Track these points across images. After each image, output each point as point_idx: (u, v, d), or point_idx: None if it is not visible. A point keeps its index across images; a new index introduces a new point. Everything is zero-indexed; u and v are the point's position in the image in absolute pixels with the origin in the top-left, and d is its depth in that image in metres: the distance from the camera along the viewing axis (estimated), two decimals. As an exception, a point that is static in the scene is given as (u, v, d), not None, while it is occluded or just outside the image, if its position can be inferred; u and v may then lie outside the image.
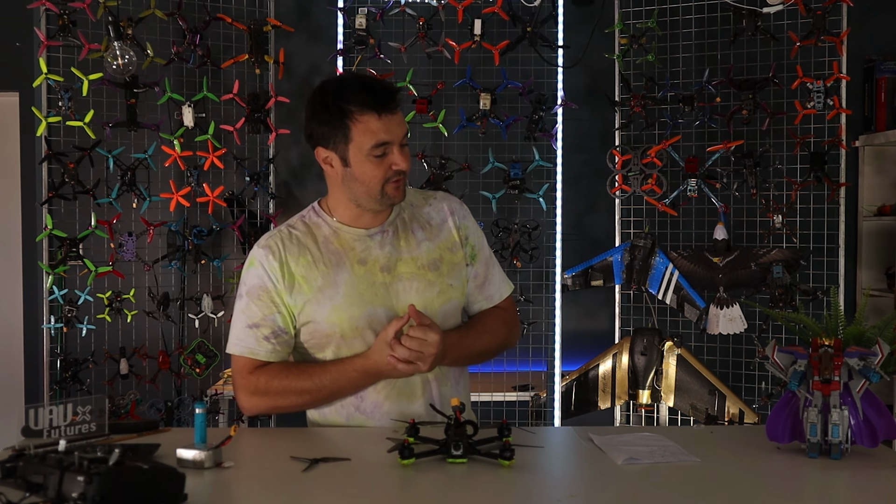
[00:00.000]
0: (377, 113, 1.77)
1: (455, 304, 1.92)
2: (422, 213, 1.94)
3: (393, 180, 1.82)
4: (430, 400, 1.87)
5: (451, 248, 1.92)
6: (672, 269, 3.53)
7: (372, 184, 1.82)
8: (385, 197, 1.83)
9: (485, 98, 3.48)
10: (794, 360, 1.65)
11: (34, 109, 3.26)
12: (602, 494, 1.46)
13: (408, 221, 1.92)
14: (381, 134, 1.78)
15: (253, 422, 3.50)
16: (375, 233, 1.88)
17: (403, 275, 1.86)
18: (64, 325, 3.30)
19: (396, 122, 1.80)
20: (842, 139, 3.38)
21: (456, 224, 1.94)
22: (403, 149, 1.83)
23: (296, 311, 1.86)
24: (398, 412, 1.85)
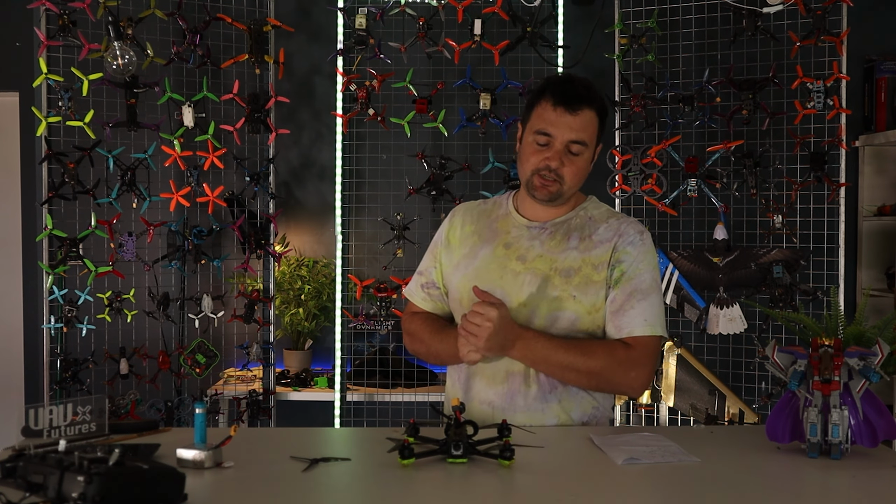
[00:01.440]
0: (554, 105, 1.84)
1: (570, 316, 1.86)
2: (595, 226, 1.92)
3: (541, 173, 1.86)
4: (505, 393, 1.89)
5: (595, 266, 1.87)
6: (672, 269, 3.53)
7: (525, 167, 1.90)
8: (530, 186, 1.89)
9: (485, 98, 3.48)
10: (794, 360, 1.65)
11: (34, 109, 3.26)
12: (602, 494, 1.46)
13: (573, 228, 1.92)
14: (548, 125, 1.85)
15: (253, 422, 3.50)
16: (535, 227, 1.93)
17: (535, 269, 1.87)
18: (64, 325, 3.30)
19: (569, 123, 1.84)
20: (842, 139, 3.38)
21: (616, 245, 1.88)
22: (568, 156, 1.85)
23: (446, 270, 2.01)
24: (482, 395, 1.92)
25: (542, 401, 1.88)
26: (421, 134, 3.65)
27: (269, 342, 3.54)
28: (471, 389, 1.93)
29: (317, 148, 4.13)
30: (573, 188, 1.91)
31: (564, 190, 1.88)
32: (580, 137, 1.85)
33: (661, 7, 3.54)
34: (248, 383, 3.63)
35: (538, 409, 1.88)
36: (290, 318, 3.87)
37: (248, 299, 3.50)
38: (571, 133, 1.84)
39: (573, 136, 1.84)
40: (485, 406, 1.91)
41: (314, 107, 4.11)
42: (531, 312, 1.86)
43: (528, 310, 1.86)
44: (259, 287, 3.55)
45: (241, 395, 3.51)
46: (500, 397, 1.89)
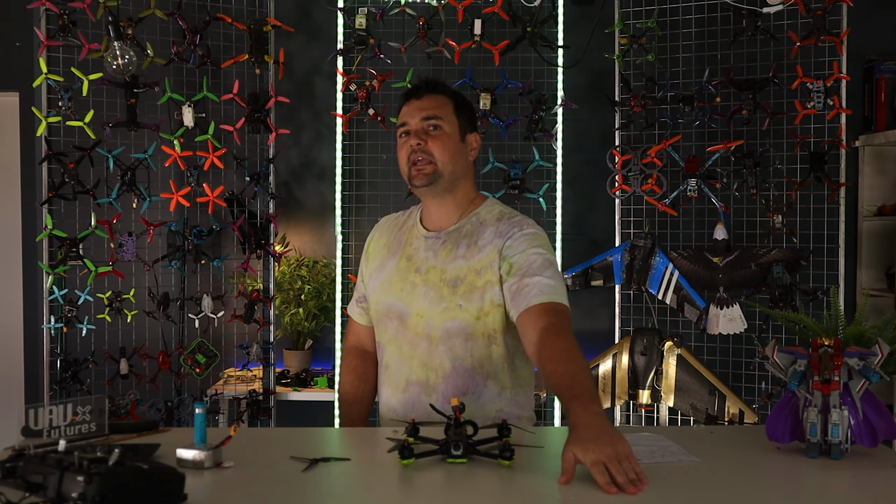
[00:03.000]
0: (405, 102, 1.97)
1: (460, 324, 1.87)
2: (482, 231, 1.93)
3: (412, 160, 1.91)
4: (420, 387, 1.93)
5: (478, 272, 1.88)
6: (672, 269, 3.53)
7: (401, 165, 1.96)
8: (412, 180, 1.93)
9: (485, 98, 3.48)
10: (794, 360, 1.65)
11: (34, 109, 3.26)
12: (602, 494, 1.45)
13: (463, 236, 1.94)
14: (402, 118, 1.96)
15: (253, 422, 3.50)
16: (432, 237, 1.96)
17: (429, 282, 1.91)
18: (64, 325, 3.30)
19: (418, 106, 1.93)
20: (842, 139, 3.38)
21: (499, 247, 1.88)
22: (429, 132, 1.91)
23: (367, 283, 2.06)
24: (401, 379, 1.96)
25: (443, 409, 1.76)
26: (421, 134, 3.65)
27: (269, 342, 3.54)
28: (381, 396, 2.03)
29: (317, 148, 4.13)
30: (448, 165, 1.90)
31: (440, 168, 1.89)
32: (430, 113, 1.91)
33: (661, 7, 3.54)
34: (248, 383, 3.63)
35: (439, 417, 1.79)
36: (290, 318, 3.87)
37: (248, 299, 3.50)
38: (421, 112, 1.92)
39: (423, 114, 1.91)
40: (390, 412, 1.97)
41: (314, 107, 4.11)
42: (427, 324, 1.89)
43: (424, 321, 1.89)
44: (259, 287, 3.55)
45: (241, 395, 3.51)
46: (402, 405, 1.94)
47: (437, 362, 1.89)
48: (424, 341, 1.89)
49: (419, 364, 1.91)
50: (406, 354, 1.93)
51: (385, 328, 1.99)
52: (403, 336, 1.93)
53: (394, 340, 1.96)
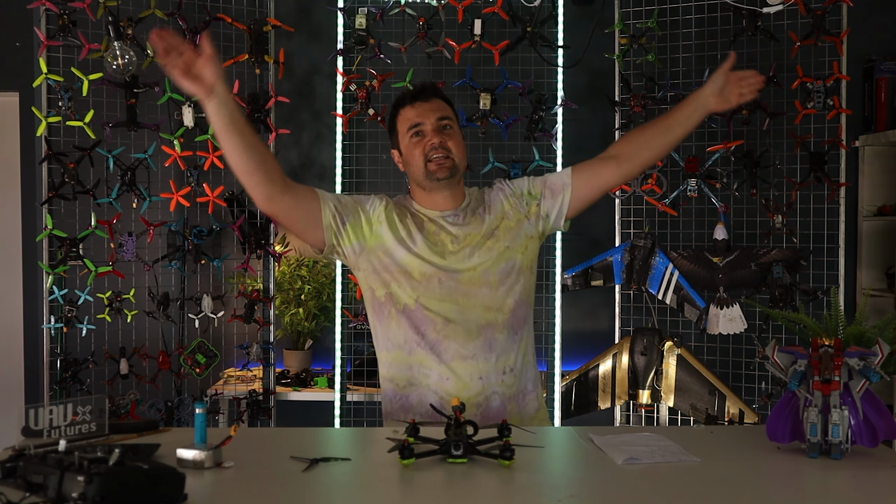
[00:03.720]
0: (410, 104, 2.12)
1: (513, 263, 2.10)
2: (480, 200, 2.18)
3: (432, 157, 2.07)
4: (483, 344, 2.04)
5: (504, 216, 2.13)
6: (672, 269, 3.53)
7: (416, 162, 2.09)
8: (429, 175, 2.08)
9: (485, 98, 3.48)
10: (794, 360, 1.65)
11: (34, 109, 3.26)
12: (602, 494, 1.46)
13: (474, 208, 2.16)
14: (413, 118, 2.10)
15: (253, 422, 3.50)
16: (448, 215, 2.12)
17: (469, 244, 2.08)
18: (64, 325, 3.30)
19: (429, 108, 2.10)
20: (842, 139, 3.38)
21: (505, 194, 2.17)
22: (444, 131, 2.10)
23: (370, 236, 2.08)
24: (454, 350, 2.02)
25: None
26: (421, 134, 3.65)
27: (269, 342, 3.54)
28: (447, 351, 2.05)
29: (317, 148, 4.13)
30: (462, 160, 2.12)
31: (456, 163, 2.10)
32: (443, 114, 2.11)
33: (661, 7, 3.54)
34: (248, 383, 3.63)
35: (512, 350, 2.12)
36: (290, 318, 3.87)
37: (248, 299, 3.50)
38: (435, 113, 2.10)
39: (438, 114, 2.10)
40: (461, 360, 2.04)
41: (314, 107, 4.11)
42: (482, 275, 2.06)
43: (478, 273, 2.06)
44: (259, 287, 3.55)
45: (241, 395, 3.51)
46: (478, 349, 2.04)
47: (499, 303, 2.07)
48: (485, 288, 2.06)
49: (482, 308, 2.05)
50: (468, 304, 2.05)
51: (431, 290, 2.04)
52: (458, 289, 2.04)
53: (448, 298, 2.04)
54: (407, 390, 2.06)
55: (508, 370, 2.06)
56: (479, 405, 2.00)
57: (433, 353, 2.03)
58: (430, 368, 2.03)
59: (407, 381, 2.06)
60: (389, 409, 2.11)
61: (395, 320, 2.06)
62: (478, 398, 2.01)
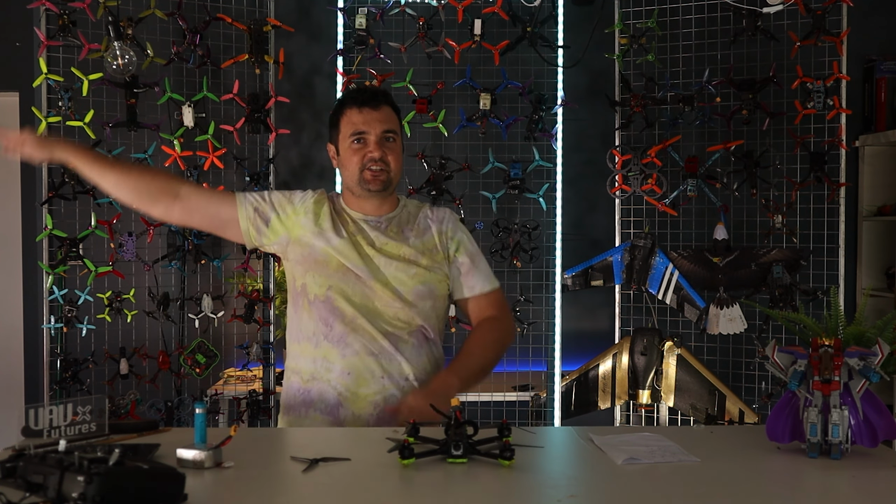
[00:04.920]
0: (358, 107, 2.08)
1: (432, 287, 2.09)
2: (415, 218, 2.16)
3: (369, 168, 2.06)
4: (389, 345, 2.04)
5: (431, 250, 2.12)
6: (672, 269, 3.53)
7: (351, 169, 2.08)
8: (363, 182, 2.07)
9: (485, 98, 3.48)
10: (794, 360, 1.65)
11: (34, 109, 3.26)
12: (602, 494, 1.46)
13: (403, 222, 2.14)
14: (359, 125, 2.07)
15: (253, 422, 3.50)
16: (373, 220, 2.11)
17: (386, 254, 2.07)
18: (64, 325, 3.30)
19: (377, 117, 2.07)
20: (842, 139, 3.38)
21: (441, 230, 2.15)
22: (387, 143, 2.08)
23: (293, 227, 2.10)
24: (361, 344, 2.02)
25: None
26: (421, 134, 3.65)
27: (269, 342, 3.54)
28: (345, 343, 2.04)
29: (317, 148, 4.13)
30: (397, 175, 2.11)
31: (392, 177, 2.09)
32: (390, 127, 2.09)
33: (661, 7, 3.54)
34: (248, 383, 3.63)
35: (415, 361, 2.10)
36: (290, 318, 3.87)
37: (248, 299, 3.50)
38: (382, 125, 2.07)
39: (385, 126, 2.08)
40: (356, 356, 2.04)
41: (314, 107, 4.11)
42: (395, 290, 2.05)
43: (392, 287, 2.05)
44: (259, 287, 3.55)
45: (241, 395, 3.51)
46: (380, 352, 2.04)
47: (409, 318, 2.06)
48: (398, 302, 2.05)
49: (393, 318, 2.05)
50: (377, 310, 2.04)
51: (348, 281, 2.04)
52: (372, 293, 2.04)
53: (360, 296, 2.03)
54: (310, 384, 2.04)
55: (413, 378, 2.04)
56: (376, 404, 1.99)
57: (338, 347, 2.01)
58: (334, 363, 2.01)
59: (311, 374, 2.04)
60: (291, 403, 2.08)
61: (307, 311, 2.05)
62: (376, 397, 2.00)
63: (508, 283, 3.66)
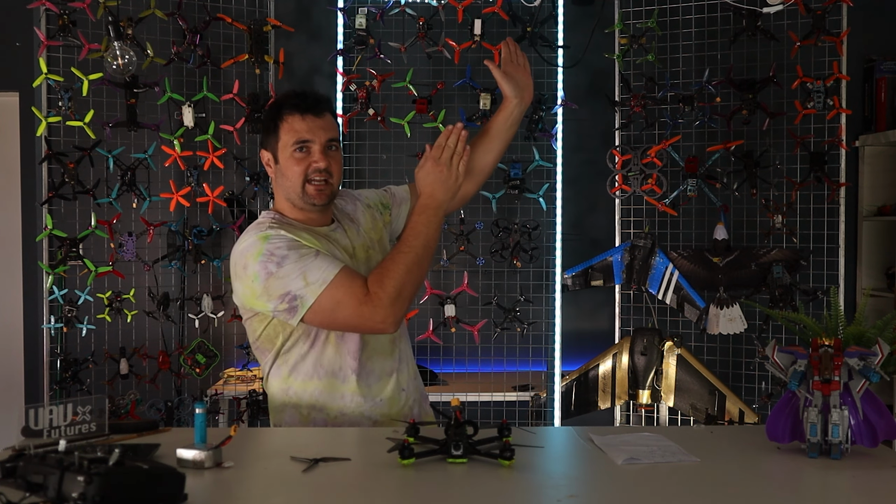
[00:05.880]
0: (300, 114, 1.95)
1: None
2: (345, 212, 2.11)
3: (312, 180, 1.95)
4: (398, 356, 2.04)
5: (373, 228, 2.12)
6: (672, 269, 3.53)
7: (294, 180, 1.96)
8: (306, 196, 1.96)
9: (485, 98, 3.48)
10: (794, 360, 1.65)
11: (34, 109, 3.26)
12: (602, 494, 1.46)
13: (343, 219, 2.09)
14: (302, 132, 1.95)
15: (253, 422, 3.50)
16: (335, 228, 2.05)
17: (360, 259, 2.03)
18: (64, 325, 3.30)
19: (321, 125, 1.97)
20: (842, 139, 3.38)
21: (364, 205, 2.15)
22: (329, 152, 1.97)
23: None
24: (381, 368, 2.01)
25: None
26: (421, 134, 3.65)
27: (269, 342, 3.53)
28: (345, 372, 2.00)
29: (317, 148, 4.12)
30: (339, 183, 2.03)
31: (335, 188, 2.01)
32: (332, 135, 1.99)
33: (661, 7, 3.54)
34: (248, 383, 3.63)
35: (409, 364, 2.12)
36: (290, 318, 3.87)
37: (248, 299, 3.50)
38: (326, 133, 1.97)
39: (329, 135, 1.98)
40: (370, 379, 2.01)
41: (314, 107, 4.11)
42: None
43: None
44: (259, 287, 3.55)
45: (241, 395, 3.51)
46: (391, 370, 2.03)
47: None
48: None
49: None
50: None
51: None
52: None
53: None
54: (339, 420, 1.96)
55: (414, 375, 2.10)
56: (405, 416, 1.97)
57: (364, 380, 1.96)
58: (364, 396, 1.96)
59: (339, 410, 1.96)
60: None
61: (333, 346, 1.95)
62: (403, 409, 2.02)
63: (508, 283, 3.66)
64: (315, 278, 1.84)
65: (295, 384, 1.97)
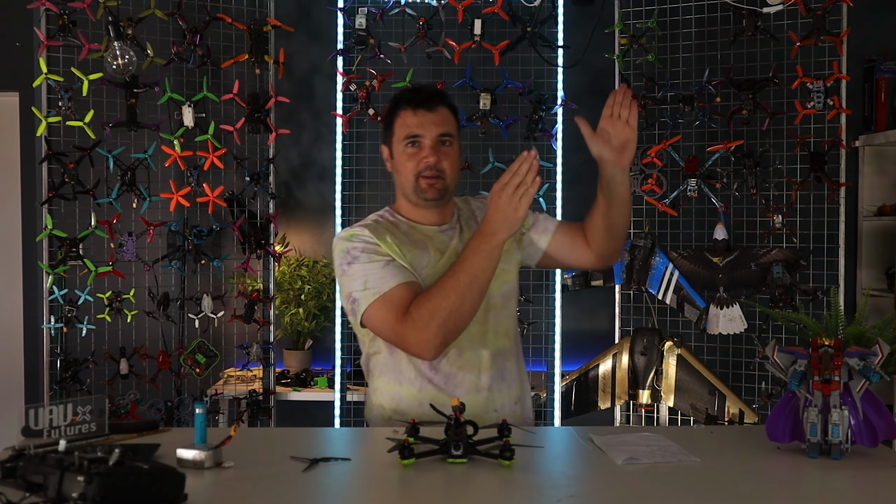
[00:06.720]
0: (413, 108, 1.96)
1: (511, 286, 2.05)
2: (472, 214, 2.08)
3: (424, 175, 1.95)
4: (496, 374, 1.97)
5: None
6: (672, 269, 3.53)
7: (406, 175, 1.97)
8: (419, 191, 1.96)
9: (485, 98, 3.48)
10: (794, 360, 1.65)
11: (34, 109, 3.26)
12: (602, 494, 1.46)
13: (465, 221, 2.07)
14: (413, 128, 1.95)
15: (253, 422, 3.50)
16: (446, 229, 2.03)
17: None
18: (64, 325, 3.30)
19: (433, 119, 1.95)
20: (842, 139, 3.38)
21: None
22: (442, 148, 1.96)
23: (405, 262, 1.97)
24: (470, 382, 1.94)
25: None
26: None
27: (269, 342, 3.54)
28: (453, 379, 1.97)
29: (317, 148, 4.13)
30: (454, 181, 2.01)
31: (448, 184, 1.98)
32: (446, 130, 1.97)
33: (661, 7, 3.54)
34: (248, 383, 3.63)
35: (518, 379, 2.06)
36: (290, 318, 3.87)
37: (248, 299, 3.50)
38: (438, 128, 1.96)
39: (440, 129, 1.96)
40: (475, 389, 1.97)
41: (314, 107, 4.11)
42: (487, 298, 1.94)
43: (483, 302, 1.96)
44: (259, 287, 3.55)
45: (241, 395, 3.51)
46: (489, 378, 1.97)
47: (505, 327, 2.01)
48: (491, 311, 1.97)
49: (493, 334, 1.98)
50: (478, 331, 1.95)
51: None
52: None
53: None
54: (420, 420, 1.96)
55: (518, 400, 2.02)
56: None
57: (445, 390, 1.91)
58: (444, 407, 1.85)
59: (419, 418, 1.91)
60: None
61: (406, 355, 1.93)
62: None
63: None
64: (372, 286, 1.86)
65: (379, 385, 2.01)
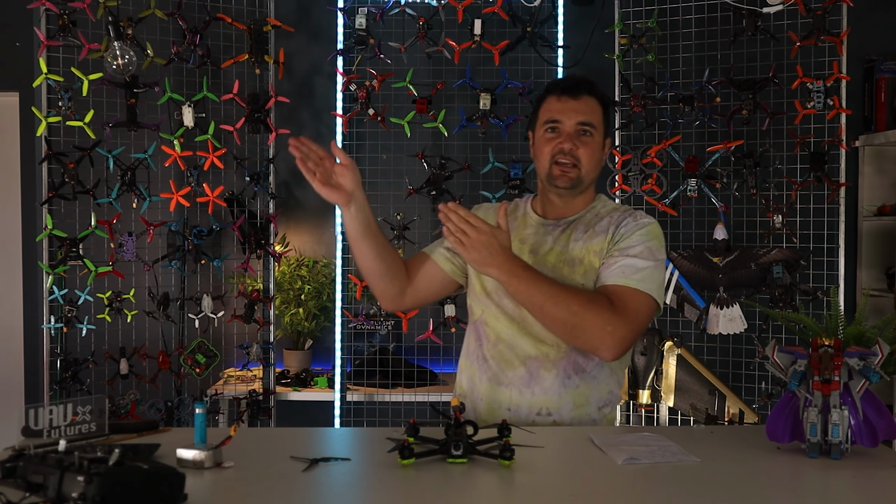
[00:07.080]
0: (557, 94, 1.96)
1: None
2: (599, 220, 1.98)
3: (558, 161, 1.93)
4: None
5: (597, 254, 1.93)
6: (672, 269, 3.53)
7: (542, 160, 1.96)
8: (551, 178, 1.95)
9: (485, 98, 3.48)
10: (794, 360, 1.65)
11: (34, 109, 3.26)
12: (602, 494, 1.46)
13: (583, 224, 1.98)
14: (555, 113, 1.95)
15: (253, 422, 3.50)
16: (550, 224, 2.00)
17: (545, 262, 1.94)
18: (64, 325, 3.30)
19: (575, 107, 1.93)
20: (842, 139, 3.38)
21: (612, 232, 1.93)
22: (581, 137, 1.93)
23: None
24: None
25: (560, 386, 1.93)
26: (421, 134, 3.65)
27: (269, 342, 3.54)
28: (485, 372, 1.99)
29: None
30: (590, 173, 1.96)
31: (583, 175, 1.94)
32: (587, 119, 1.93)
33: (661, 7, 3.54)
34: (248, 383, 3.63)
35: (556, 393, 1.94)
36: (290, 318, 3.87)
37: (248, 299, 3.50)
38: (578, 115, 1.93)
39: (580, 118, 1.93)
40: (501, 388, 1.96)
41: (314, 107, 4.11)
42: None
43: None
44: (259, 287, 3.55)
45: (241, 395, 3.51)
46: (519, 379, 1.94)
47: (556, 338, 1.91)
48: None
49: (535, 339, 1.93)
50: (522, 331, 1.93)
51: (502, 303, 1.95)
52: (517, 312, 1.93)
53: (509, 315, 1.94)
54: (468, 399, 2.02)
55: (546, 413, 1.93)
56: None
57: (480, 370, 1.98)
58: (476, 384, 1.99)
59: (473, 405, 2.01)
60: None
61: (473, 335, 2.03)
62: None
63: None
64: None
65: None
